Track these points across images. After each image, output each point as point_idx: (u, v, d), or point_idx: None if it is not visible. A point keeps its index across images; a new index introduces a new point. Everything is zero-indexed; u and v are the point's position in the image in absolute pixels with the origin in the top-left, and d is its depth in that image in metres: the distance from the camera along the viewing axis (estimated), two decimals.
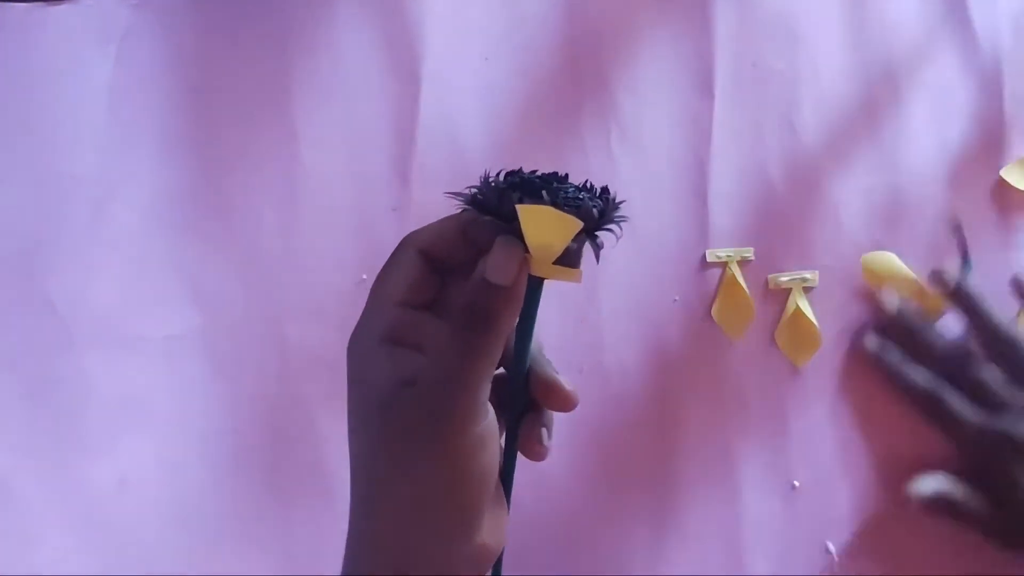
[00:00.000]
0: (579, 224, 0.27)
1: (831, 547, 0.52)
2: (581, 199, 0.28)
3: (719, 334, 0.53)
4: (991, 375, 0.48)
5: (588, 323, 0.52)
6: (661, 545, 0.52)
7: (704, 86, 0.53)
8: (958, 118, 0.54)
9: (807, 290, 0.53)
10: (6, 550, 0.50)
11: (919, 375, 0.49)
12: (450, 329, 0.29)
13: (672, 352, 0.53)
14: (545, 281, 0.30)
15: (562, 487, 0.52)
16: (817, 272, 0.53)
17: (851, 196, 0.53)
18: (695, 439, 0.53)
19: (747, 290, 0.52)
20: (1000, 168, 0.54)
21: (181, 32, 0.53)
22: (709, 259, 0.53)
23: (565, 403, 0.33)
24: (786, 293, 0.53)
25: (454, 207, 0.30)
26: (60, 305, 0.52)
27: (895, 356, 0.50)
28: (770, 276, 0.53)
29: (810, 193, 0.53)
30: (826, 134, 0.54)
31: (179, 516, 0.52)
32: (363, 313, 0.32)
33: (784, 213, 0.53)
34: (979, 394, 0.48)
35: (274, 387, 0.52)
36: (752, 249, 0.53)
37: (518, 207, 0.27)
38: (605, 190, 0.30)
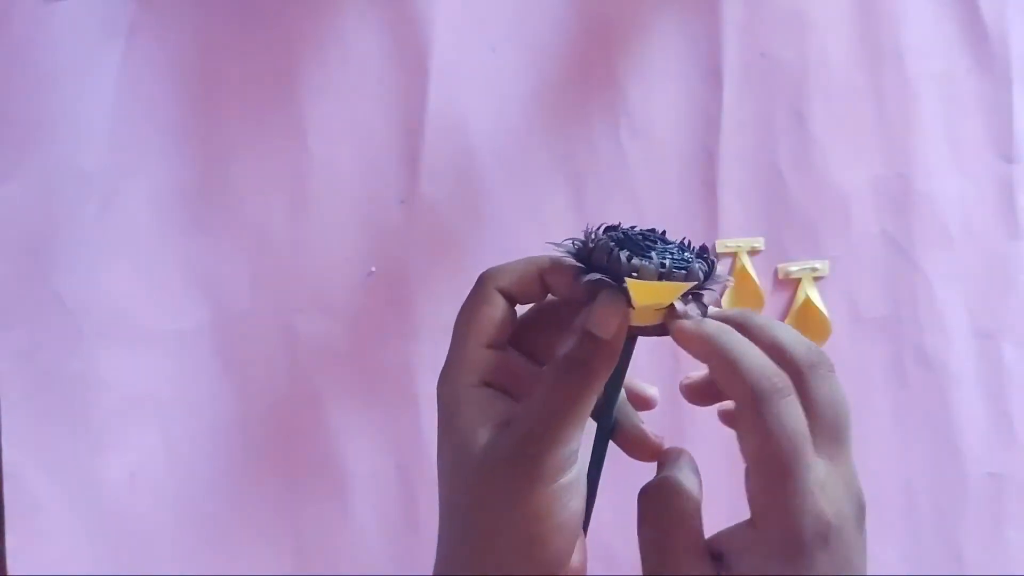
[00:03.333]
0: (685, 287, 0.28)
1: None
2: (688, 262, 0.29)
3: None
4: None
5: None
6: None
7: (713, 76, 0.53)
8: (966, 107, 0.54)
9: (817, 280, 0.53)
10: (16, 544, 0.50)
11: None
12: (545, 377, 0.30)
13: None
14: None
15: None
16: (827, 262, 0.53)
17: (861, 186, 0.53)
18: (706, 431, 0.52)
19: (757, 280, 0.52)
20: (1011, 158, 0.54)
21: (188, 25, 0.53)
22: (719, 249, 0.53)
23: (651, 455, 0.33)
24: (796, 283, 0.53)
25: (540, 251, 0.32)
26: (69, 300, 0.52)
27: None
28: (780, 266, 0.53)
29: (820, 183, 0.53)
30: (835, 124, 0.53)
31: (189, 510, 0.52)
32: (451, 352, 0.32)
33: (794, 203, 0.53)
34: None
35: (283, 380, 0.52)
36: (762, 239, 0.53)
37: (628, 282, 0.28)
38: (704, 249, 0.31)
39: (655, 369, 0.53)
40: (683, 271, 0.29)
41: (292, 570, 0.51)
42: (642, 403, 0.35)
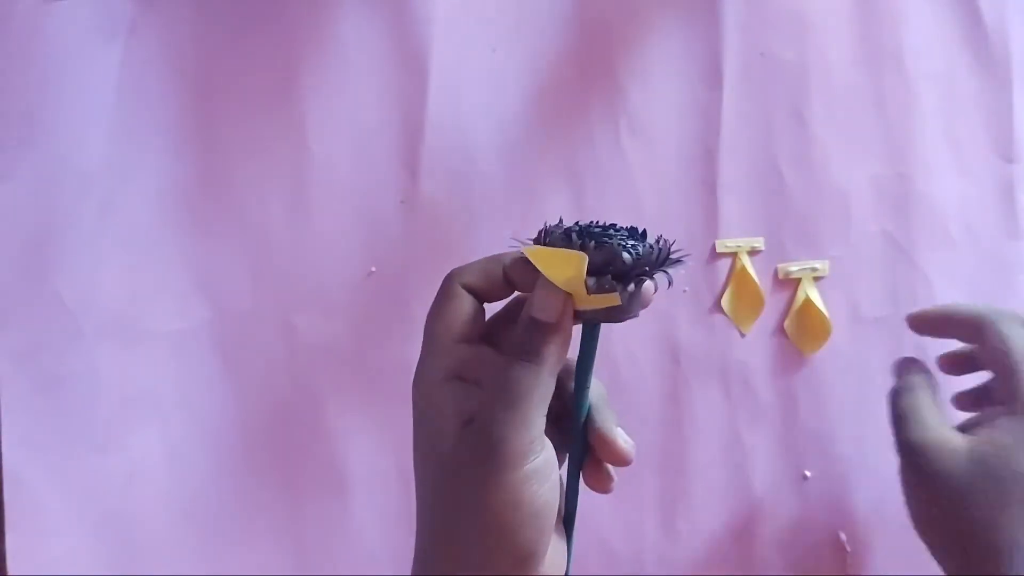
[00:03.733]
0: (583, 257, 0.28)
1: (844, 538, 0.52)
2: (609, 243, 0.29)
3: (728, 324, 0.53)
4: None
5: None
6: (671, 537, 0.52)
7: (713, 76, 0.53)
8: (966, 107, 0.54)
9: (817, 280, 0.53)
10: (15, 544, 0.50)
11: None
12: (503, 364, 0.31)
13: (682, 343, 0.53)
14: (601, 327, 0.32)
15: None
16: (827, 262, 0.53)
17: (861, 186, 0.53)
18: (705, 430, 0.52)
19: (757, 280, 0.52)
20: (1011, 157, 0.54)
21: (188, 25, 0.53)
22: (719, 249, 0.53)
23: (617, 459, 0.34)
24: (796, 283, 0.53)
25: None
26: (69, 299, 0.52)
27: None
28: (780, 266, 0.53)
29: (820, 183, 0.53)
30: (835, 124, 0.53)
31: (189, 510, 0.51)
32: (423, 351, 0.33)
33: (794, 203, 0.53)
34: None
35: (283, 380, 0.52)
36: (762, 239, 0.53)
37: (524, 250, 0.30)
38: (664, 241, 0.32)
39: (655, 369, 0.53)
40: (601, 250, 0.29)
41: (292, 570, 0.51)
42: (611, 456, 0.34)
